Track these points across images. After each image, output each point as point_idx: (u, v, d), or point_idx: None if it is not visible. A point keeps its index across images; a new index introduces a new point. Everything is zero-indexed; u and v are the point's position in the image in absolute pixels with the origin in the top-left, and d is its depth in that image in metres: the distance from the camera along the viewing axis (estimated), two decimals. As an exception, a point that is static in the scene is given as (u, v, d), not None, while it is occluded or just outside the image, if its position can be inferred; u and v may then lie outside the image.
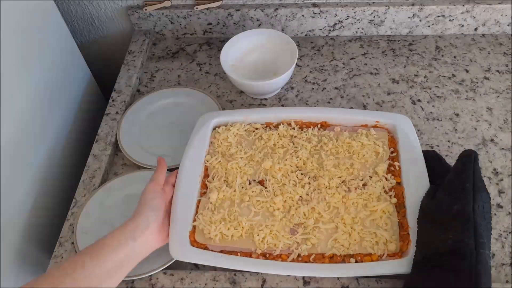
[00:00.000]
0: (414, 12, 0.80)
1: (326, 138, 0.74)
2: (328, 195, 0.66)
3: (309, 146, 0.73)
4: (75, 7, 0.84)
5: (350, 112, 0.78)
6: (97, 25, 0.93)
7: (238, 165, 0.71)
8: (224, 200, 0.68)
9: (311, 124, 0.77)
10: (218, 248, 0.63)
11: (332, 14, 0.83)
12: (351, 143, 0.72)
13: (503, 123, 0.75)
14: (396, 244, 0.61)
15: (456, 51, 0.83)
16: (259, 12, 0.84)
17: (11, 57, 0.58)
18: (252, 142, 0.75)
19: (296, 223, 0.64)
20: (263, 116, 0.78)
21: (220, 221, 0.65)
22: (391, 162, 0.70)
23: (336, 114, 0.77)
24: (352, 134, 0.74)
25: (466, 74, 0.80)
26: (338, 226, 0.63)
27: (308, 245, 0.61)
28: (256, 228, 0.63)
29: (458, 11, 0.79)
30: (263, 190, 0.68)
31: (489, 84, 0.79)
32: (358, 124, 0.76)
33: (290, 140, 0.75)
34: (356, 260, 0.60)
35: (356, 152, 0.71)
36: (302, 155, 0.72)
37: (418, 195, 0.64)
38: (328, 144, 0.73)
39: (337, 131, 0.76)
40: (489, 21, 0.81)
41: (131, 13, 0.86)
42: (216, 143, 0.75)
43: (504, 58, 0.81)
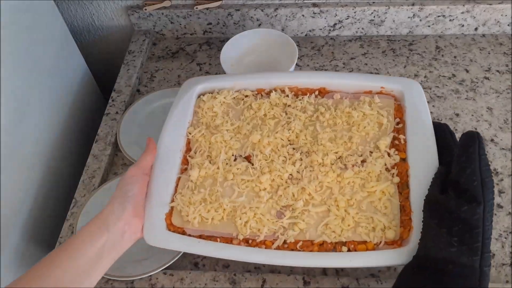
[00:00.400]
0: (414, 12, 0.79)
1: (323, 107, 0.66)
2: (321, 173, 0.59)
3: (304, 117, 0.65)
4: (75, 7, 0.84)
5: (352, 77, 0.69)
6: (97, 25, 0.93)
7: (223, 139, 0.64)
8: (206, 178, 0.61)
9: (307, 91, 0.68)
10: (196, 233, 0.57)
11: (332, 14, 0.82)
12: (351, 113, 0.63)
13: (503, 123, 0.74)
14: (395, 231, 0.53)
15: (456, 51, 0.83)
16: (259, 12, 0.83)
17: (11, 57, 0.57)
18: (240, 112, 0.67)
19: (283, 205, 0.57)
20: (255, 81, 0.70)
21: (200, 202, 0.59)
22: (396, 135, 0.61)
23: (336, 78, 0.68)
24: (353, 103, 0.65)
25: (466, 74, 0.79)
26: (330, 209, 0.56)
27: (295, 230, 0.55)
28: (239, 211, 0.57)
29: (458, 11, 0.78)
30: (249, 167, 0.61)
31: (489, 84, 0.78)
32: (361, 91, 0.67)
33: (282, 110, 0.67)
34: (349, 249, 0.53)
35: (356, 123, 0.63)
36: (295, 127, 0.64)
37: (425, 175, 0.55)
38: (325, 114, 0.64)
39: (337, 98, 0.67)
40: (489, 21, 0.80)
41: (131, 13, 0.85)
42: (200, 113, 0.67)
43: (504, 58, 0.80)
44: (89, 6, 0.85)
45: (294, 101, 0.67)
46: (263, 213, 0.57)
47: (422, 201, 0.53)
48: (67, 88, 0.80)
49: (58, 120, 0.78)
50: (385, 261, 0.51)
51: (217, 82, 0.70)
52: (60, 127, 0.79)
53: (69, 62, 0.81)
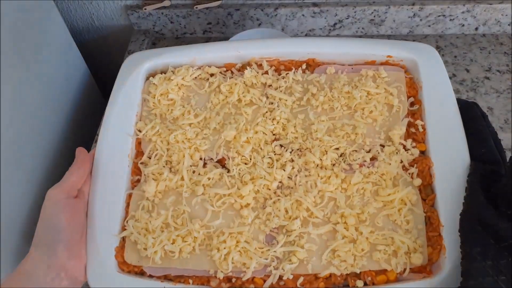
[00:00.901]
0: (414, 12, 0.80)
1: (314, 85, 0.50)
2: (321, 179, 0.45)
3: (290, 101, 0.49)
4: (75, 7, 0.85)
5: (349, 43, 0.53)
6: (96, 24, 0.93)
7: (186, 136, 0.48)
8: (166, 193, 0.45)
9: (292, 64, 0.52)
10: (160, 272, 0.42)
11: (333, 13, 0.81)
12: (352, 93, 0.49)
13: (504, 123, 0.72)
14: (423, 254, 0.41)
15: (456, 50, 0.83)
16: (259, 11, 0.82)
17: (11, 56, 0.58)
18: (206, 98, 0.51)
19: (274, 227, 0.43)
20: (221, 54, 0.52)
21: (161, 228, 0.43)
22: (411, 121, 0.48)
23: (329, 46, 0.52)
24: (353, 78, 0.50)
25: (466, 74, 0.79)
26: (336, 229, 0.42)
27: (293, 262, 0.41)
28: (216, 239, 0.42)
29: (458, 11, 0.79)
30: (225, 175, 0.45)
31: (490, 84, 0.77)
32: (361, 61, 0.52)
33: (262, 92, 0.51)
34: (365, 282, 0.41)
35: (360, 107, 0.48)
36: (281, 116, 0.48)
37: (455, 174, 0.43)
38: (318, 96, 0.49)
39: (331, 73, 0.51)
40: (490, 20, 0.82)
41: (131, 12, 0.84)
42: (151, 102, 0.50)
43: (504, 57, 0.81)
44: (89, 6, 0.85)
45: (276, 79, 0.51)
46: (248, 240, 0.42)
47: (454, 212, 0.41)
48: (67, 88, 0.81)
49: (57, 120, 0.78)
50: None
51: (171, 56, 0.52)
52: (60, 127, 0.80)
53: (69, 62, 0.82)
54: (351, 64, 0.52)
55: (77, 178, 0.43)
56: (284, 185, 0.45)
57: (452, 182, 0.43)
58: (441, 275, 0.39)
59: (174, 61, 0.52)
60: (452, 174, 0.43)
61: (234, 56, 0.52)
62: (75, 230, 0.41)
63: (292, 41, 0.53)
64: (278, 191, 0.45)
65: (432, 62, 0.49)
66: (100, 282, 0.41)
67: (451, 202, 0.42)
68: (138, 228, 0.43)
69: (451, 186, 0.43)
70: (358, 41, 0.53)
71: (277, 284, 0.41)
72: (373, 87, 0.49)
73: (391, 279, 0.40)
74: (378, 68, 0.50)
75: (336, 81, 0.50)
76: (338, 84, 0.50)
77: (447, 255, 0.40)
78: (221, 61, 0.53)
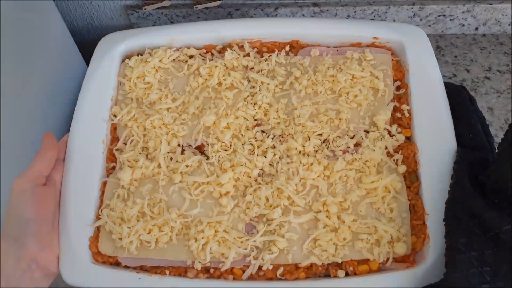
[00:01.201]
0: (414, 12, 0.79)
1: (298, 68, 0.48)
2: (303, 166, 0.43)
3: (273, 85, 0.47)
4: (75, 7, 0.84)
5: (334, 24, 0.51)
6: (96, 24, 0.91)
7: (163, 122, 0.46)
8: (142, 181, 0.44)
9: (275, 46, 0.50)
10: (135, 263, 0.41)
11: (333, 13, 0.80)
12: (336, 77, 0.47)
13: (504, 123, 0.73)
14: (406, 243, 0.40)
15: (456, 50, 0.82)
16: (259, 11, 0.81)
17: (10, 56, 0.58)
18: (184, 81, 0.49)
19: (254, 216, 0.42)
20: (201, 34, 0.50)
21: (137, 217, 0.42)
22: (397, 105, 0.46)
23: (313, 27, 0.50)
24: (338, 61, 0.48)
25: (467, 74, 0.79)
26: (318, 217, 0.41)
27: (273, 251, 0.40)
28: (194, 228, 0.41)
29: (458, 11, 0.79)
30: (204, 162, 0.44)
31: (490, 84, 0.77)
32: (347, 43, 0.50)
33: (243, 75, 0.49)
34: (347, 272, 0.40)
35: (344, 91, 0.46)
36: (263, 101, 0.46)
37: (441, 160, 0.42)
38: (302, 79, 0.47)
39: (315, 55, 0.49)
40: (490, 20, 0.81)
41: (131, 12, 0.83)
42: (127, 85, 0.48)
43: (505, 57, 0.80)
44: (89, 6, 0.84)
45: (259, 61, 0.49)
46: (227, 229, 0.41)
47: (439, 200, 0.40)
48: (67, 87, 0.78)
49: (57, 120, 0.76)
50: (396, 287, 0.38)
51: (148, 37, 0.50)
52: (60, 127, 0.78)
53: (69, 62, 0.80)
54: (336, 46, 0.50)
55: (43, 164, 0.41)
56: (265, 172, 0.44)
57: (438, 169, 0.41)
58: (424, 265, 0.38)
59: (152, 42, 0.50)
60: (438, 160, 0.42)
61: (215, 37, 0.50)
62: (44, 220, 0.39)
63: (275, 22, 0.51)
64: (259, 178, 0.43)
65: (419, 44, 0.48)
66: (73, 274, 0.40)
67: (437, 190, 0.41)
68: (113, 217, 0.42)
69: (437, 173, 0.41)
70: (344, 22, 0.51)
71: (256, 274, 0.40)
72: (359, 70, 0.47)
73: (373, 269, 0.39)
74: (363, 50, 0.48)
75: (321, 63, 0.48)
76: (323, 67, 0.48)
77: (431, 245, 0.39)
78: (200, 43, 0.50)
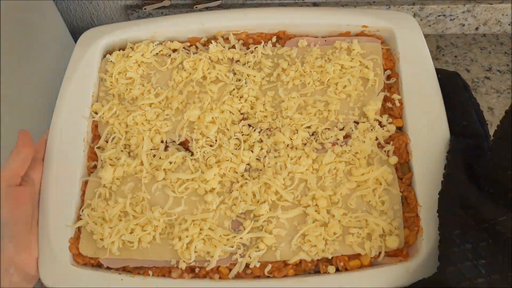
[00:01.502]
0: (415, 12, 0.79)
1: (285, 60, 0.47)
2: (291, 159, 0.41)
3: (259, 77, 0.46)
4: (74, 7, 0.85)
5: (321, 13, 0.49)
6: (96, 24, 0.91)
7: (146, 118, 0.44)
8: (125, 179, 0.42)
9: (261, 37, 0.49)
10: (118, 264, 0.39)
11: None
12: (325, 67, 0.45)
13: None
14: (399, 236, 0.38)
15: (457, 50, 0.82)
16: None
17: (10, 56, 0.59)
18: (167, 76, 0.47)
19: (241, 212, 0.40)
20: (184, 27, 0.49)
21: (119, 217, 0.40)
22: (388, 95, 0.44)
23: (300, 16, 0.49)
24: (326, 51, 0.47)
25: (467, 74, 0.79)
26: (307, 212, 0.39)
27: (261, 248, 0.38)
28: (178, 227, 0.39)
29: (459, 11, 0.79)
30: (188, 158, 0.42)
31: (490, 83, 0.77)
32: (335, 32, 0.49)
33: (229, 68, 0.47)
34: (338, 268, 0.38)
35: (333, 81, 0.45)
36: (249, 94, 0.45)
37: (433, 150, 0.40)
38: (289, 71, 0.45)
39: (303, 46, 0.48)
40: (490, 20, 0.81)
41: (130, 12, 0.83)
42: (108, 81, 0.46)
43: (505, 57, 0.80)
44: (89, 6, 0.84)
45: (244, 53, 0.48)
46: (212, 227, 0.39)
47: (432, 191, 0.38)
48: None
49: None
50: (388, 282, 0.37)
51: (130, 31, 0.48)
52: None
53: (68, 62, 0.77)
54: (325, 36, 0.49)
55: (17, 164, 0.39)
56: (252, 167, 0.42)
57: (431, 159, 0.40)
58: (418, 258, 0.37)
59: (134, 36, 0.48)
60: (431, 150, 0.40)
61: (199, 30, 0.48)
62: (20, 221, 0.38)
63: (261, 12, 0.49)
64: (246, 174, 0.42)
65: (410, 32, 0.46)
66: (53, 277, 0.38)
67: (430, 181, 0.39)
68: (94, 217, 0.40)
69: (430, 163, 0.40)
70: (331, 11, 0.49)
71: (243, 273, 0.38)
72: (348, 60, 0.45)
73: (365, 264, 0.38)
74: (352, 40, 0.47)
75: (308, 54, 0.46)
76: (310, 57, 0.46)
77: (424, 237, 0.37)
78: (184, 36, 0.49)
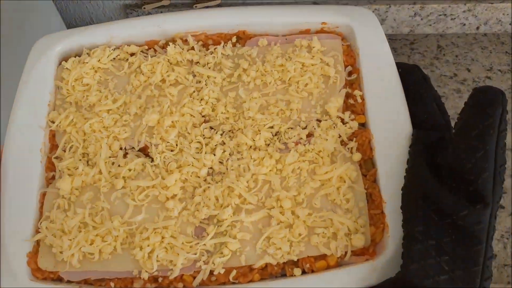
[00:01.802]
0: (415, 11, 0.79)
1: (246, 60, 0.46)
2: (254, 161, 0.41)
3: (220, 78, 0.45)
4: (73, 6, 0.84)
5: (280, 11, 0.48)
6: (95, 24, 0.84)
7: (103, 125, 0.43)
8: (83, 189, 0.41)
9: (221, 38, 0.48)
10: (78, 277, 0.38)
11: None
12: (286, 66, 0.45)
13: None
14: (365, 234, 0.38)
15: (457, 50, 0.82)
16: None
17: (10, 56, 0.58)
18: (125, 80, 0.46)
19: (204, 218, 0.39)
20: (141, 30, 0.47)
21: (78, 228, 0.39)
22: (349, 91, 0.44)
23: (259, 15, 0.48)
24: (287, 50, 0.46)
25: (468, 74, 0.79)
26: (271, 214, 0.39)
27: (225, 254, 0.37)
28: (139, 236, 0.38)
29: (459, 10, 0.78)
30: (148, 164, 0.41)
31: (491, 83, 0.77)
32: (295, 30, 0.48)
33: (189, 70, 0.46)
34: (304, 270, 0.37)
35: (294, 80, 0.44)
36: (209, 96, 0.44)
37: (396, 145, 0.40)
38: (250, 71, 0.45)
39: (263, 45, 0.47)
40: (491, 20, 0.81)
41: (130, 11, 0.83)
42: (64, 89, 0.45)
43: (506, 57, 0.80)
44: (88, 5, 0.84)
45: (204, 55, 0.47)
46: (174, 234, 0.38)
47: (397, 186, 0.38)
48: None
49: None
50: (356, 282, 0.36)
51: (85, 36, 0.47)
52: None
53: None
54: (285, 35, 0.48)
55: None
56: (215, 171, 0.41)
57: (394, 154, 0.40)
58: (385, 256, 0.36)
59: (90, 42, 0.47)
60: (394, 145, 0.40)
61: (156, 32, 0.47)
62: None
63: (219, 12, 0.48)
64: (209, 178, 0.41)
65: (369, 27, 0.46)
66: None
67: (394, 176, 0.39)
68: (53, 229, 0.39)
69: (393, 158, 0.39)
70: (290, 9, 0.49)
71: (208, 280, 0.37)
72: (308, 58, 0.45)
73: (331, 264, 0.37)
74: (312, 38, 0.46)
75: (269, 53, 0.46)
76: (271, 56, 0.45)
77: (390, 234, 0.37)
78: (142, 39, 0.48)
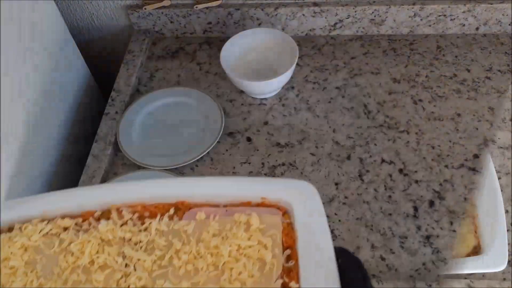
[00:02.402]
0: (415, 11, 0.79)
1: (180, 238, 0.44)
2: None
3: (150, 261, 0.43)
4: (75, 7, 0.85)
5: (221, 183, 0.47)
6: (96, 24, 0.95)
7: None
8: None
9: (158, 209, 0.46)
10: None
11: (333, 13, 0.83)
12: (220, 248, 0.42)
13: (501, 122, 0.75)
14: None
15: (457, 50, 0.82)
16: (259, 11, 0.83)
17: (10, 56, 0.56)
18: (54, 261, 0.44)
19: None
20: (76, 203, 0.46)
21: None
22: (286, 281, 0.41)
23: (200, 187, 0.46)
24: (225, 225, 0.44)
25: (467, 74, 0.79)
26: None
27: None
28: None
29: (459, 11, 0.78)
30: None
31: (491, 83, 0.78)
32: (236, 201, 0.46)
33: (119, 250, 0.44)
34: None
35: (228, 266, 0.42)
36: (136, 284, 0.42)
37: None
38: (181, 253, 0.42)
39: (201, 219, 0.45)
40: (491, 20, 0.81)
41: (131, 12, 0.85)
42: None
43: (505, 57, 0.80)
44: (89, 6, 0.85)
45: (138, 230, 0.45)
46: None
47: None
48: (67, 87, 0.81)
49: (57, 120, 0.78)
50: None
51: (19, 210, 0.46)
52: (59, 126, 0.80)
53: (69, 62, 0.82)
54: (226, 206, 0.46)
55: None
56: None
57: None
58: None
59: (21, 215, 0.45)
60: None
61: (91, 203, 0.46)
62: None
63: (158, 184, 0.47)
64: None
65: (308, 205, 0.43)
66: None
67: None
68: None
69: None
70: (229, 180, 0.47)
71: None
72: (245, 238, 0.42)
73: None
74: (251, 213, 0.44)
75: (205, 230, 0.44)
76: (207, 234, 0.43)
77: None
78: (78, 209, 0.46)
